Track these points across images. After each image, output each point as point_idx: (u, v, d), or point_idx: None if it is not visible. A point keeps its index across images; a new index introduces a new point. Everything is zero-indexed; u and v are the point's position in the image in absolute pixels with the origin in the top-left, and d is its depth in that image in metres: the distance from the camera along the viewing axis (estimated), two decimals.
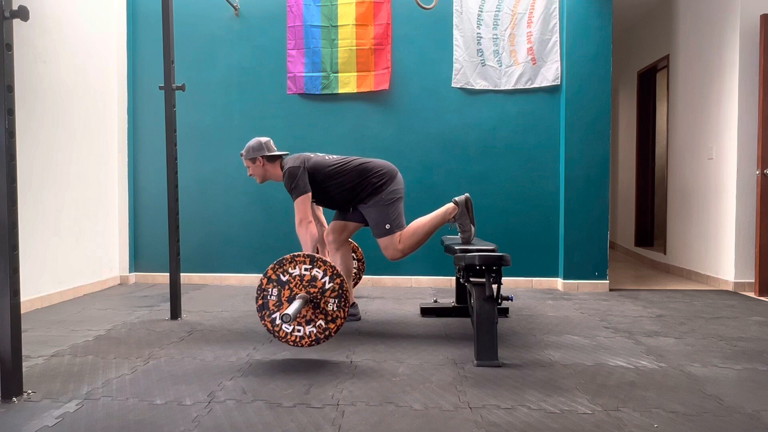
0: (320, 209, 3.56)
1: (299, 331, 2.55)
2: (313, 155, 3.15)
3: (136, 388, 2.18)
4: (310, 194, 3.02)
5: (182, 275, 3.56)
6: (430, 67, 4.51)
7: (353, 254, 3.88)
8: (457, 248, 2.82)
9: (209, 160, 4.67)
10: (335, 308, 2.54)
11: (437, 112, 4.51)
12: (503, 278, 2.65)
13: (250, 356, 2.60)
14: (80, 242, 4.11)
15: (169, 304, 3.39)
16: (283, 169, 3.08)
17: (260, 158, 3.14)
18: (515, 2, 4.39)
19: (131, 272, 4.72)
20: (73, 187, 4.02)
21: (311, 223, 2.98)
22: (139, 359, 2.55)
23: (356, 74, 4.50)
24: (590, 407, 1.99)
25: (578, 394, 2.12)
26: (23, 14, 2.00)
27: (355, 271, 3.90)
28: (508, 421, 1.87)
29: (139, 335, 2.99)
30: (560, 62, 4.35)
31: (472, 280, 2.63)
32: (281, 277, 2.52)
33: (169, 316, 3.38)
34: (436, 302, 3.60)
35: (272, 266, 2.53)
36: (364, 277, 4.48)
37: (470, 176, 4.49)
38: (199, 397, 2.08)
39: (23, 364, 2.22)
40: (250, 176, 3.23)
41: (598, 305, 3.79)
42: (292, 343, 2.56)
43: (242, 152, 3.18)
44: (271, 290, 2.53)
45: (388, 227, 3.06)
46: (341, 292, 2.53)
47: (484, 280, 2.54)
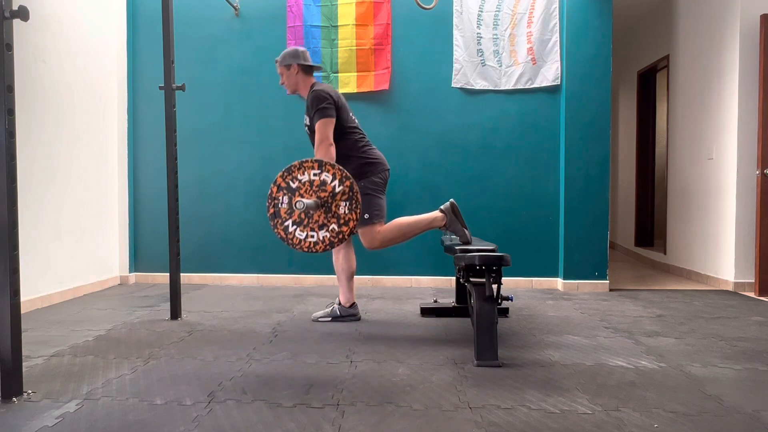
0: None
1: (312, 236, 2.49)
2: (344, 99, 3.12)
3: (136, 388, 2.18)
4: (334, 120, 2.95)
5: (182, 275, 3.56)
6: (430, 67, 4.51)
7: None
8: (457, 248, 2.82)
9: (209, 160, 4.67)
10: (347, 211, 2.49)
11: (437, 112, 4.51)
12: (503, 278, 2.65)
13: (250, 356, 2.60)
14: (80, 242, 4.11)
15: (169, 304, 3.39)
16: (314, 87, 3.04)
17: (296, 65, 3.09)
18: (515, 2, 4.39)
19: (131, 272, 4.72)
20: (73, 187, 4.02)
21: (332, 145, 2.92)
22: (139, 359, 2.55)
23: (356, 74, 4.50)
24: (590, 407, 1.99)
25: (578, 394, 2.12)
26: (23, 14, 2.00)
27: None
28: (508, 421, 1.87)
29: (139, 335, 2.99)
30: (560, 62, 4.35)
31: (472, 280, 2.63)
32: (291, 184, 2.47)
33: (169, 316, 3.38)
34: (436, 302, 3.60)
35: (281, 174, 2.48)
36: (364, 277, 4.49)
37: (470, 176, 4.49)
38: (199, 397, 2.08)
39: (23, 364, 2.22)
40: (281, 85, 3.19)
41: (598, 305, 3.79)
42: (306, 248, 2.50)
43: (277, 59, 3.13)
44: (281, 198, 2.49)
45: (367, 217, 3.05)
46: (352, 194, 2.48)
47: (484, 280, 2.54)
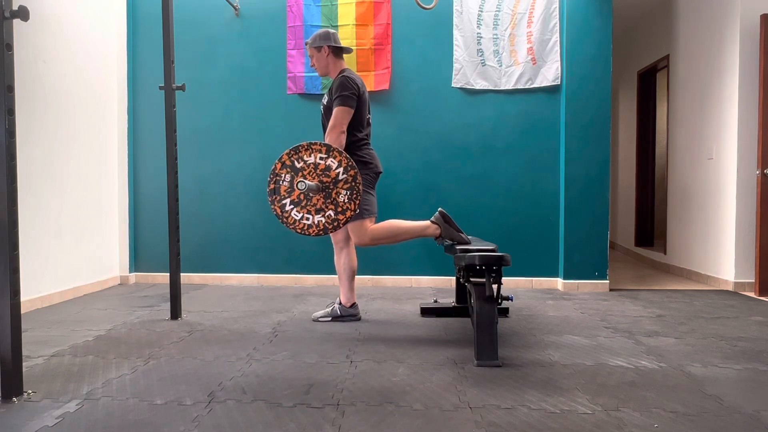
0: None
1: (308, 219, 2.49)
2: (368, 95, 3.14)
3: (136, 388, 2.18)
4: (352, 111, 2.97)
5: (182, 275, 3.56)
6: (430, 67, 4.51)
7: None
8: (457, 248, 2.82)
9: (209, 160, 4.67)
10: (346, 200, 2.48)
11: (437, 112, 4.51)
12: (503, 278, 2.65)
13: (250, 356, 2.60)
14: (80, 242, 4.11)
15: (169, 304, 3.39)
16: (343, 72, 3.05)
17: (327, 47, 3.10)
18: (515, 2, 4.39)
19: (131, 272, 4.72)
20: (73, 187, 4.02)
21: (343, 134, 2.93)
22: (139, 359, 2.55)
23: None
24: (590, 407, 1.99)
25: (578, 394, 2.12)
26: (23, 14, 2.00)
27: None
28: (508, 421, 1.87)
29: (139, 335, 2.99)
30: (560, 62, 4.35)
31: (472, 280, 2.63)
32: (296, 163, 2.47)
33: (169, 316, 3.38)
34: (436, 302, 3.60)
35: (287, 152, 2.47)
36: (364, 277, 4.48)
37: (470, 176, 4.49)
38: (199, 397, 2.08)
39: (23, 364, 2.22)
40: (312, 66, 3.20)
41: (598, 305, 3.79)
42: (300, 230, 2.50)
43: (308, 41, 3.15)
44: (284, 176, 2.48)
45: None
46: (354, 184, 2.48)
47: (484, 280, 2.54)
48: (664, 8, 5.63)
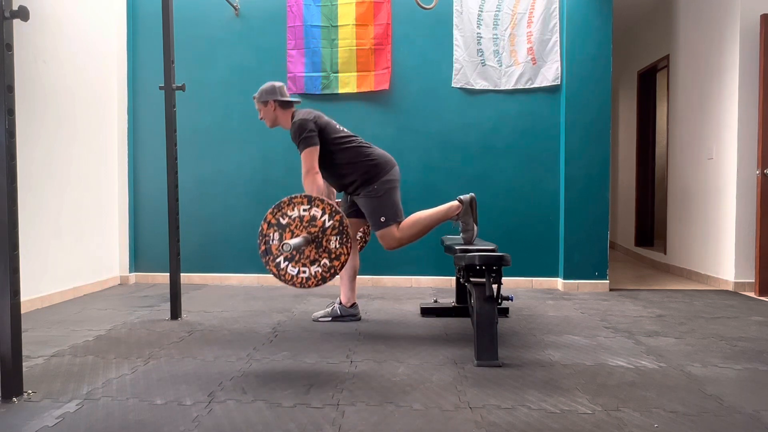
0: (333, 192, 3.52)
1: (305, 272, 2.51)
2: (325, 116, 3.13)
3: (136, 388, 2.18)
4: (317, 148, 2.97)
5: (182, 275, 3.56)
6: (430, 67, 4.51)
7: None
8: (457, 248, 2.82)
9: (209, 160, 4.67)
10: (338, 245, 2.50)
11: (437, 112, 4.51)
12: (503, 278, 2.65)
13: (250, 356, 2.60)
14: (80, 242, 4.11)
15: (169, 304, 3.39)
16: (294, 118, 3.05)
17: (272, 102, 3.12)
18: (515, 2, 4.39)
19: (131, 272, 4.72)
20: (73, 187, 4.02)
21: (317, 174, 2.94)
22: (139, 359, 2.55)
23: (356, 74, 4.50)
24: (590, 407, 1.99)
25: (578, 394, 2.12)
26: (23, 14, 2.00)
27: (360, 234, 3.69)
28: (508, 421, 1.87)
29: (139, 335, 2.99)
30: (560, 62, 4.35)
31: (472, 280, 2.63)
32: (281, 220, 2.50)
33: (169, 316, 3.38)
34: (436, 302, 3.60)
35: (271, 210, 2.50)
36: (364, 276, 4.49)
37: (470, 176, 4.49)
38: (199, 397, 2.08)
39: (23, 364, 2.22)
40: (261, 120, 3.21)
41: (598, 305, 3.79)
42: (299, 284, 2.52)
43: (255, 95, 3.16)
44: (272, 234, 2.51)
45: (383, 220, 3.03)
46: (342, 228, 2.50)
47: (484, 280, 2.54)
48: (664, 8, 5.64)
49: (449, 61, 4.48)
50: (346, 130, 3.18)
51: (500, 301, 2.56)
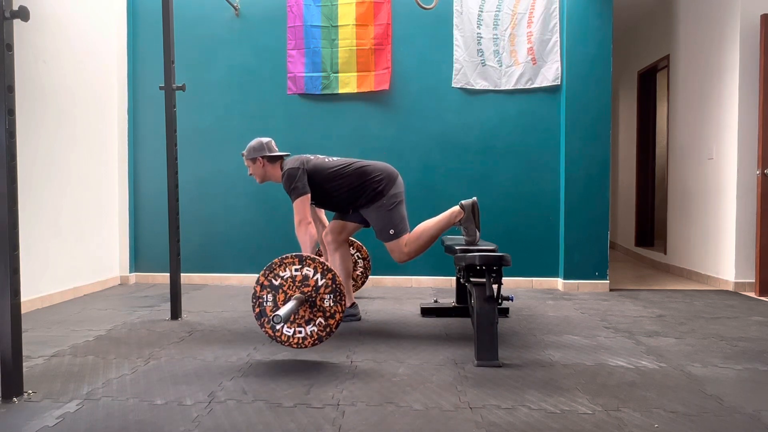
0: (321, 211, 3.56)
1: (300, 332, 2.55)
2: (313, 157, 3.17)
3: (136, 388, 2.18)
4: (309, 195, 3.03)
5: (182, 275, 3.56)
6: (430, 67, 4.51)
7: (358, 253, 3.88)
8: (457, 248, 2.82)
9: (209, 160, 4.67)
10: (332, 303, 2.53)
11: (437, 112, 4.51)
12: (503, 278, 2.65)
13: (250, 356, 2.60)
14: (80, 242, 4.11)
15: (169, 304, 3.39)
16: (282, 170, 3.09)
17: (260, 158, 3.16)
18: (515, 2, 4.39)
19: (131, 272, 4.72)
20: (73, 186, 4.02)
21: (310, 224, 2.99)
22: (139, 359, 2.55)
23: (356, 74, 4.50)
24: (591, 407, 1.99)
25: (579, 394, 2.12)
26: (23, 14, 2.00)
27: (361, 269, 3.90)
28: (508, 421, 1.87)
29: (139, 335, 2.99)
30: (560, 62, 4.35)
31: (472, 280, 2.63)
32: (273, 281, 2.53)
33: (169, 316, 3.38)
34: (436, 302, 3.60)
35: (263, 272, 2.53)
36: None
37: (470, 176, 4.49)
38: (199, 397, 2.08)
39: (23, 364, 2.22)
40: (250, 176, 3.24)
41: (598, 305, 3.79)
42: (295, 345, 2.56)
43: (243, 152, 3.20)
44: (265, 296, 2.54)
45: (392, 232, 3.07)
46: (335, 286, 2.52)
47: (484, 280, 2.54)
48: (664, 8, 5.63)
49: (449, 61, 4.48)
50: (335, 159, 3.19)
51: (500, 301, 2.56)
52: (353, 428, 1.81)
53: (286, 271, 2.53)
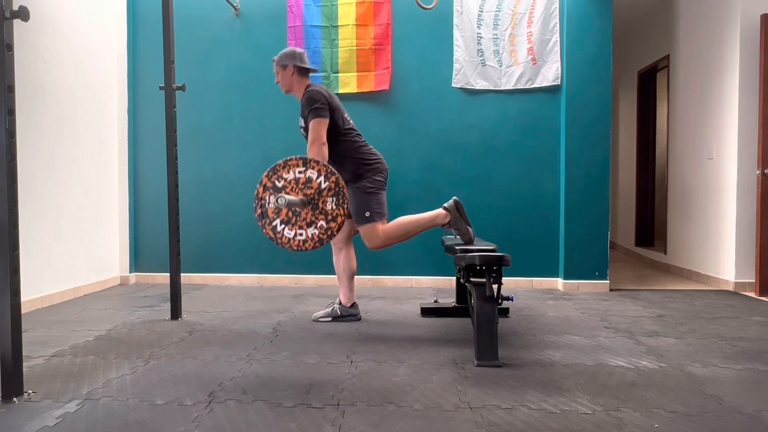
0: None
1: (301, 234, 2.49)
2: (338, 101, 3.13)
3: (136, 388, 2.18)
4: (327, 121, 2.95)
5: (182, 275, 3.55)
6: (430, 67, 4.51)
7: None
8: (457, 248, 2.82)
9: (209, 160, 4.67)
10: (334, 206, 2.49)
11: (437, 112, 4.51)
12: (503, 278, 2.65)
13: (250, 356, 2.60)
14: (80, 242, 4.11)
15: (169, 304, 3.39)
16: (308, 87, 3.05)
17: (292, 66, 3.11)
18: (515, 2, 4.39)
19: (131, 272, 4.72)
20: (73, 187, 4.02)
21: (324, 145, 2.92)
22: (139, 359, 2.55)
23: (356, 74, 4.50)
24: (591, 407, 1.99)
25: (579, 394, 2.12)
26: (23, 14, 2.00)
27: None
28: (508, 421, 1.87)
29: (139, 335, 2.99)
30: (560, 62, 4.35)
31: (472, 280, 2.63)
32: (276, 183, 2.48)
33: (169, 316, 3.38)
34: (436, 302, 3.60)
35: (266, 173, 2.49)
36: (364, 277, 4.49)
37: (470, 176, 4.49)
38: (199, 397, 2.08)
39: (24, 364, 2.22)
40: (276, 83, 3.20)
41: (598, 305, 3.79)
42: (296, 247, 2.50)
43: (274, 58, 3.16)
44: (268, 198, 2.49)
45: (367, 215, 3.04)
46: (338, 189, 2.49)
47: (484, 280, 2.54)
48: (664, 8, 5.63)
49: (449, 61, 4.48)
50: (352, 123, 3.20)
51: (500, 301, 2.56)
52: (353, 428, 1.81)
53: (289, 172, 2.48)
